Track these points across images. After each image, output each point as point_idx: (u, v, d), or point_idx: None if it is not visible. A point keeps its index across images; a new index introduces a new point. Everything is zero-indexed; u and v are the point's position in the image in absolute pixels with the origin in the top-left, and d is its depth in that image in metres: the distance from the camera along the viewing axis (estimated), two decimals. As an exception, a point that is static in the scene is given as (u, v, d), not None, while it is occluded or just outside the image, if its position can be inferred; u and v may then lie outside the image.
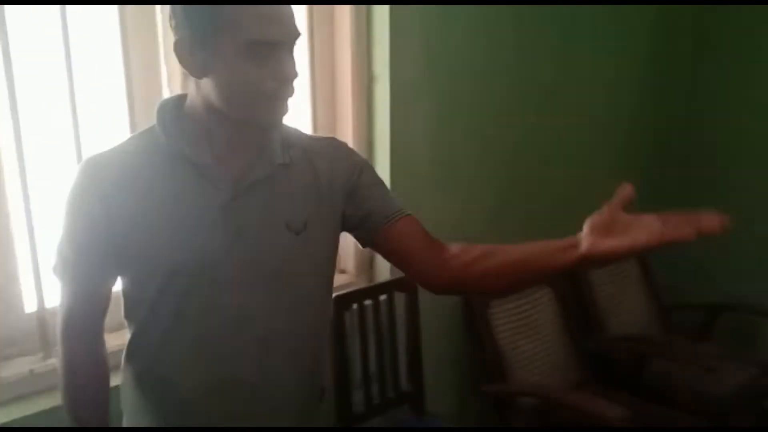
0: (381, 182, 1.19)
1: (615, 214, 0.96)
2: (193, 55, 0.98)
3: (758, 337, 2.82)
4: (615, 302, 2.58)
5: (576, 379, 2.32)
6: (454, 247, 1.14)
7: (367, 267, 2.02)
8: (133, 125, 1.52)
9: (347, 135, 1.91)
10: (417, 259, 1.15)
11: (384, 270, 1.99)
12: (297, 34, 1.01)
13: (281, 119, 1.06)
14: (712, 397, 2.26)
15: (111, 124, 1.54)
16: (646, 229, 0.92)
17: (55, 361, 1.46)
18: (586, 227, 0.99)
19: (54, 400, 1.44)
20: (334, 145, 1.19)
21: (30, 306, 1.48)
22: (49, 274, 1.43)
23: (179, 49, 1.00)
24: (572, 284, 2.51)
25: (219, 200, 1.04)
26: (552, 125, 2.42)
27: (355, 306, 1.89)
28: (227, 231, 1.04)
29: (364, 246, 1.22)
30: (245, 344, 1.09)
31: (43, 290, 1.46)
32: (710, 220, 0.89)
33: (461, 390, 2.25)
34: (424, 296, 2.02)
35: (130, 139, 1.09)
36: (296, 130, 1.17)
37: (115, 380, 1.17)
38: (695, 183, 2.93)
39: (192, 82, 1.03)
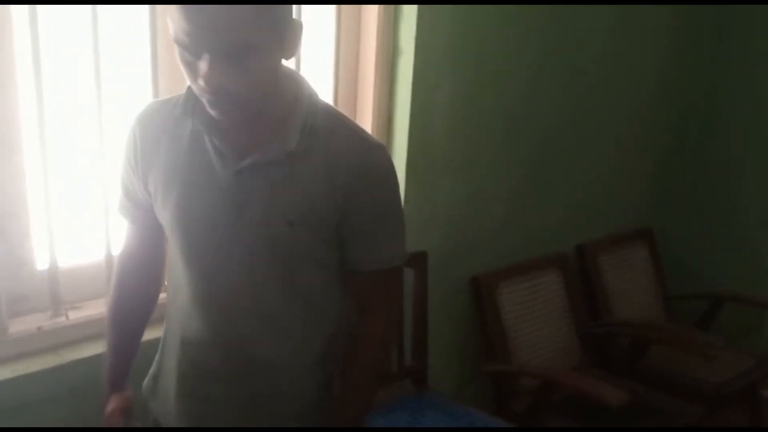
0: (379, 231, 1.11)
1: None
2: None
3: (758, 329, 2.84)
4: (621, 288, 2.58)
5: (577, 363, 2.33)
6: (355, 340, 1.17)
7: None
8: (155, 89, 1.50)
9: (367, 109, 1.89)
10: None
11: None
12: (227, 44, 0.88)
13: (228, 121, 0.99)
14: (709, 385, 2.28)
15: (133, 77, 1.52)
16: None
17: (63, 320, 1.48)
18: None
19: (59, 358, 1.44)
20: (369, 162, 1.06)
21: (42, 263, 1.47)
22: (61, 232, 1.44)
23: None
24: (581, 268, 2.51)
25: (223, 172, 1.04)
26: (580, 108, 2.37)
27: (364, 280, 1.89)
28: (231, 205, 1.04)
29: None
30: (245, 317, 1.10)
31: (56, 248, 1.45)
32: None
33: (464, 368, 2.26)
34: (434, 274, 2.02)
35: (185, 92, 1.06)
36: (338, 120, 1.07)
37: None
38: (711, 172, 2.90)
39: None
